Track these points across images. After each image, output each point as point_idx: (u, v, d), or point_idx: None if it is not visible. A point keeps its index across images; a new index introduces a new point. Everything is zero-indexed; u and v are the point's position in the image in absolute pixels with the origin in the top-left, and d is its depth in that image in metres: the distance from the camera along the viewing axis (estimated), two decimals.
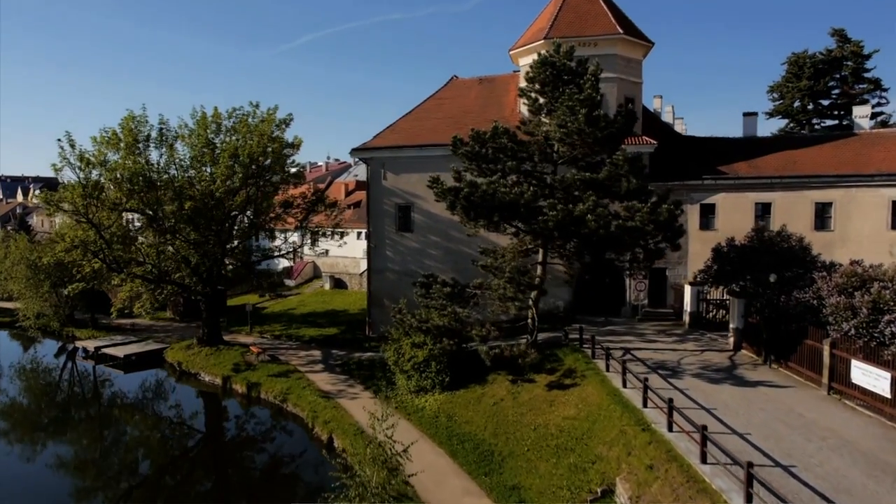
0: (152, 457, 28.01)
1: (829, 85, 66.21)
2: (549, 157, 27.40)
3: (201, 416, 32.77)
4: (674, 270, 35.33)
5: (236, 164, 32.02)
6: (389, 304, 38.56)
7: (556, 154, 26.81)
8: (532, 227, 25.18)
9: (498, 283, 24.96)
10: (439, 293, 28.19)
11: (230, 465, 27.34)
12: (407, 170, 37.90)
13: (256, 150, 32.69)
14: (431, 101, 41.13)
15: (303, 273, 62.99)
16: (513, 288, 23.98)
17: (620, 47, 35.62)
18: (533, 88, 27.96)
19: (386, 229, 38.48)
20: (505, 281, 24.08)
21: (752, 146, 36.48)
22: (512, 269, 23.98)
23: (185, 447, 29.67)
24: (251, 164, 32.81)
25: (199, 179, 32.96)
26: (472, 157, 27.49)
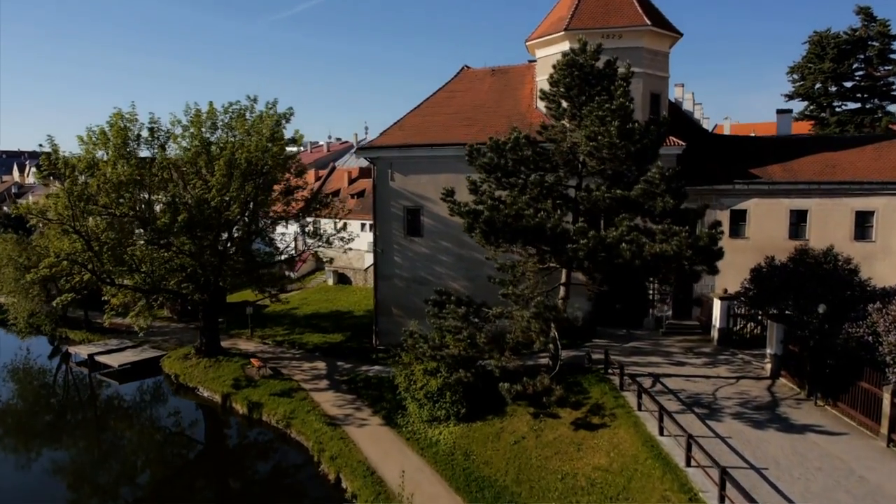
0: (147, 479, 26.33)
1: (854, 67, 63.15)
2: (575, 170, 25.07)
3: (199, 445, 30.85)
4: (700, 281, 33.13)
5: (233, 170, 29.56)
6: (398, 312, 36.68)
7: (582, 167, 24.45)
8: (559, 254, 22.98)
9: (521, 315, 22.84)
10: (453, 314, 26.06)
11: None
12: (416, 171, 35.51)
13: (255, 154, 30.22)
14: (441, 93, 38.51)
15: (305, 265, 60.87)
16: (539, 324, 21.87)
17: (647, 40, 32.93)
18: (557, 92, 25.48)
19: (394, 233, 36.23)
20: (530, 316, 21.96)
21: (786, 147, 34.00)
22: (538, 304, 21.83)
23: (182, 473, 27.93)
24: (249, 171, 30.38)
25: (193, 185, 30.49)
26: (491, 170, 25.15)
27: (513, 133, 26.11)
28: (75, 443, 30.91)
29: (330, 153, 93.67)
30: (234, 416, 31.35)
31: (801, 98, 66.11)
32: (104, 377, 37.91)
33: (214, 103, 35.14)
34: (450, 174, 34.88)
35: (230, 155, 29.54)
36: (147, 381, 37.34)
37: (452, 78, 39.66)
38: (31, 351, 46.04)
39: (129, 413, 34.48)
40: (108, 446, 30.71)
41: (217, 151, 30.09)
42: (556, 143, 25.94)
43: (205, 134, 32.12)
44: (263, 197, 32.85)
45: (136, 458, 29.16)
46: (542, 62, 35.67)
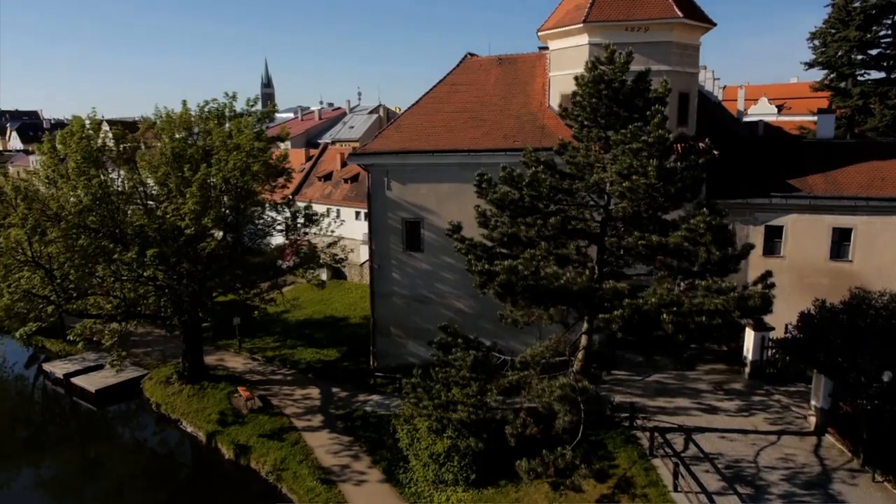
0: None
1: (880, 34, 58.62)
2: (603, 209, 21.68)
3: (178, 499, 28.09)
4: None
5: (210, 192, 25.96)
6: (397, 332, 33.76)
7: (612, 208, 21.07)
8: (587, 318, 19.91)
9: (542, 389, 19.84)
10: (462, 362, 23.06)
11: None
12: (415, 179, 31.96)
13: (233, 173, 26.54)
14: (443, 86, 34.55)
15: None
16: (565, 407, 18.88)
17: (677, 33, 29.00)
18: (581, 114, 21.85)
19: (391, 248, 32.92)
20: (555, 399, 18.92)
21: (827, 153, 30.46)
22: (564, 387, 18.74)
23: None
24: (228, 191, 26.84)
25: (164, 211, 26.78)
26: (505, 206, 21.73)
27: (530, 160, 22.67)
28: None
29: (322, 121, 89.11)
30: (219, 460, 28.63)
31: (822, 66, 61.82)
32: (81, 400, 35.17)
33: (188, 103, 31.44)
34: (453, 183, 31.54)
35: (205, 178, 25.84)
36: (128, 406, 34.62)
37: (455, 68, 35.61)
38: (6, 358, 43.18)
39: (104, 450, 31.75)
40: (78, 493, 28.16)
41: (190, 173, 26.43)
42: (578, 168, 22.50)
43: (176, 145, 28.29)
44: (246, 211, 29.31)
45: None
46: (557, 55, 31.75)
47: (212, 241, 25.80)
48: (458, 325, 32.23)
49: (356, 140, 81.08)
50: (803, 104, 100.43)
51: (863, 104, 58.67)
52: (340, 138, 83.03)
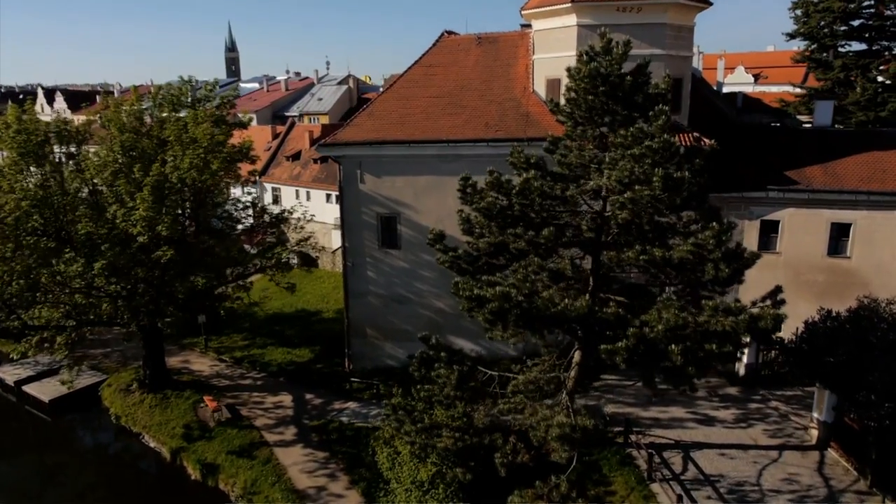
0: None
1: (864, 4, 57.09)
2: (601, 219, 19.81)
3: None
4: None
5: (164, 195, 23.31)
6: (373, 334, 31.87)
7: (609, 214, 19.18)
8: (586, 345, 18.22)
9: (536, 421, 18.17)
10: (446, 380, 21.31)
11: None
12: (391, 171, 29.68)
13: (189, 173, 23.88)
14: (418, 68, 32.05)
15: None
16: (563, 446, 17.24)
17: (671, 14, 26.90)
18: (575, 112, 19.78)
19: (366, 244, 30.74)
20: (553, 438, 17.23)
21: (825, 142, 28.94)
22: (562, 426, 17.04)
23: None
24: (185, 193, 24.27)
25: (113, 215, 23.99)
26: (493, 216, 19.73)
27: (518, 162, 20.63)
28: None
29: (289, 92, 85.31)
30: (185, 480, 26.63)
31: (803, 37, 60.27)
32: (34, 410, 32.76)
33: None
34: (431, 176, 29.47)
35: (157, 179, 23.17)
36: (85, 417, 32.30)
37: (431, 47, 33.07)
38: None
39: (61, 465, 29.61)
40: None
41: (140, 174, 23.73)
42: (571, 168, 20.56)
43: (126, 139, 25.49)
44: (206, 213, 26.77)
45: None
46: (541, 36, 29.47)
47: (167, 250, 23.26)
48: (439, 327, 31.14)
49: (325, 113, 77.86)
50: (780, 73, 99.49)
51: (844, 77, 57.45)
52: (309, 111, 79.66)
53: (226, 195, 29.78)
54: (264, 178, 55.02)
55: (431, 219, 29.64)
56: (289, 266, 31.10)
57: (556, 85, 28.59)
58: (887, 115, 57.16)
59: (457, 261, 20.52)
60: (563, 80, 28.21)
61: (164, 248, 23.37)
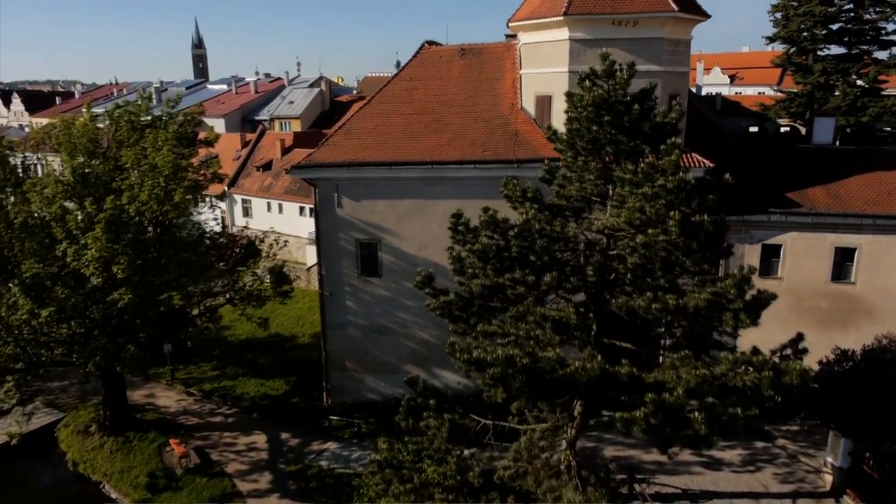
0: None
1: (845, 8, 56.52)
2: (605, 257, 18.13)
3: None
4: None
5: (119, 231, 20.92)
6: (353, 367, 29.89)
7: (618, 262, 17.50)
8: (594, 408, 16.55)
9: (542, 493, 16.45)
10: (436, 431, 19.47)
11: None
12: (371, 194, 27.67)
13: (149, 206, 21.54)
14: (398, 82, 30.04)
15: None
16: None
17: (670, 27, 25.32)
18: (579, 142, 18.02)
19: (344, 272, 28.70)
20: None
21: (827, 162, 27.71)
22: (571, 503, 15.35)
23: None
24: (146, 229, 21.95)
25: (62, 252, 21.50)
26: (488, 257, 17.88)
27: (514, 195, 18.87)
28: None
29: (259, 94, 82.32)
30: None
31: (782, 41, 59.62)
32: None
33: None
34: (414, 200, 27.56)
35: (112, 214, 20.79)
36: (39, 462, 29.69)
37: (411, 59, 31.09)
38: None
39: None
40: None
41: (93, 208, 21.34)
42: (569, 200, 18.91)
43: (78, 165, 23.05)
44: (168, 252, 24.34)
45: None
46: (530, 49, 27.68)
47: (125, 293, 20.92)
48: (424, 359, 29.31)
49: (297, 117, 75.29)
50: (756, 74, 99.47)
51: (824, 81, 56.90)
52: (280, 115, 76.91)
53: (190, 212, 27.24)
54: (233, 189, 52.48)
55: (415, 245, 27.84)
56: (261, 298, 28.80)
57: (547, 102, 26.89)
58: (868, 121, 56.80)
59: (448, 306, 18.67)
60: (554, 97, 26.81)
61: (122, 290, 21.03)
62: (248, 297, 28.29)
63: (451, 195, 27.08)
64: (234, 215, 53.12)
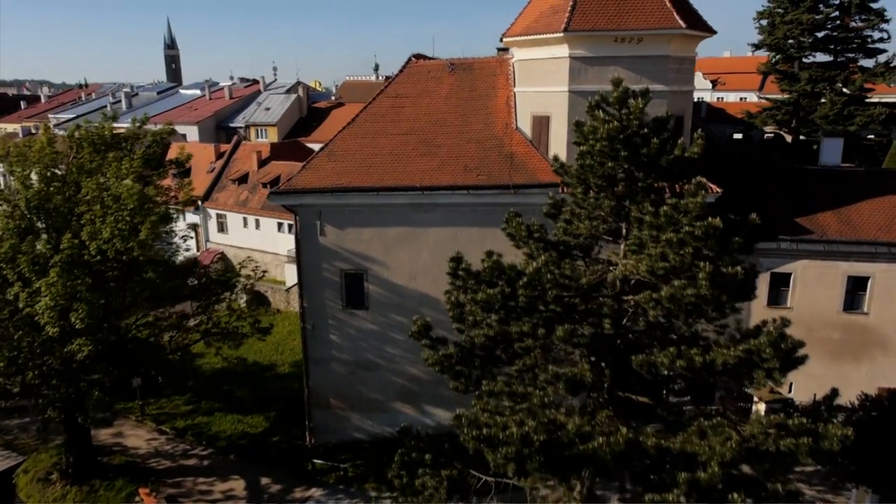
0: None
1: (832, 16, 55.86)
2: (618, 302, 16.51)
3: None
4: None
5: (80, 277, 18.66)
6: (338, 404, 27.96)
7: (638, 313, 15.86)
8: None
9: None
10: (433, 493, 17.69)
11: None
12: (356, 222, 25.76)
13: (111, 245, 19.37)
14: (384, 99, 28.13)
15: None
16: None
17: (675, 45, 23.81)
18: (591, 178, 16.33)
19: (328, 304, 26.74)
20: None
21: (835, 184, 26.42)
22: None
23: None
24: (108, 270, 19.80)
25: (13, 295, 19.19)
26: (494, 308, 16.12)
27: (519, 233, 17.13)
28: None
29: (234, 100, 79.69)
30: None
31: (768, 48, 58.88)
32: None
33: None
34: (403, 227, 25.73)
35: (69, 254, 18.61)
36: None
37: (397, 74, 29.23)
38: None
39: None
40: None
41: (48, 249, 19.15)
42: (575, 236, 17.29)
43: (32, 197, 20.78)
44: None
45: None
46: (525, 66, 26.01)
47: (85, 343, 18.76)
48: (414, 396, 27.49)
49: (273, 124, 72.96)
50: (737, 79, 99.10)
51: (811, 89, 56.25)
52: (256, 122, 74.49)
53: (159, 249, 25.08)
54: (208, 203, 50.05)
55: (404, 275, 26.02)
56: (238, 336, 26.68)
57: (545, 123, 25.23)
58: (856, 130, 56.21)
59: (448, 360, 16.88)
60: (553, 118, 25.13)
61: (81, 340, 18.85)
62: (223, 334, 26.14)
63: (442, 222, 25.40)
64: (209, 231, 50.72)
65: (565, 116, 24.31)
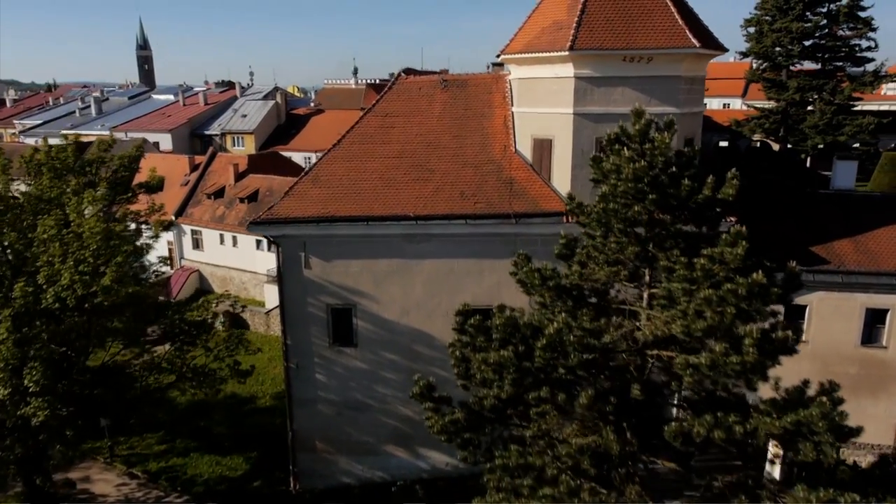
0: None
1: (820, 24, 55.16)
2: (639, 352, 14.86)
3: None
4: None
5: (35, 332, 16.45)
6: (324, 447, 25.96)
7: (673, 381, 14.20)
8: None
9: None
10: None
11: None
12: (344, 254, 23.80)
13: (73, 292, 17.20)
14: (372, 118, 26.20)
15: (185, 287, 47.54)
16: None
17: (687, 65, 22.26)
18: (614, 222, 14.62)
19: (313, 342, 24.74)
20: None
21: (850, 210, 25.11)
22: None
23: None
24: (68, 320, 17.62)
25: None
26: (505, 371, 14.32)
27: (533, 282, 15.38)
28: None
29: (209, 106, 77.03)
30: None
31: (755, 56, 58.09)
32: None
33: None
34: (395, 259, 23.83)
35: (22, 304, 16.41)
36: None
37: (386, 91, 27.29)
38: None
39: None
40: None
41: None
42: (594, 281, 15.65)
43: None
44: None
45: None
46: (525, 85, 24.29)
47: (41, 407, 16.57)
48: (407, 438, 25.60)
49: (251, 132, 70.52)
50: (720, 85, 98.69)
51: (799, 98, 55.56)
52: (232, 129, 71.98)
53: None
54: (182, 219, 47.59)
55: (395, 311, 24.15)
56: (215, 380, 24.55)
57: (547, 147, 23.54)
58: (845, 139, 55.52)
59: (454, 426, 15.06)
60: (556, 141, 23.42)
61: (36, 402, 16.66)
62: (198, 376, 23.99)
63: (437, 254, 23.61)
64: (183, 247, 48.27)
65: (569, 140, 22.69)
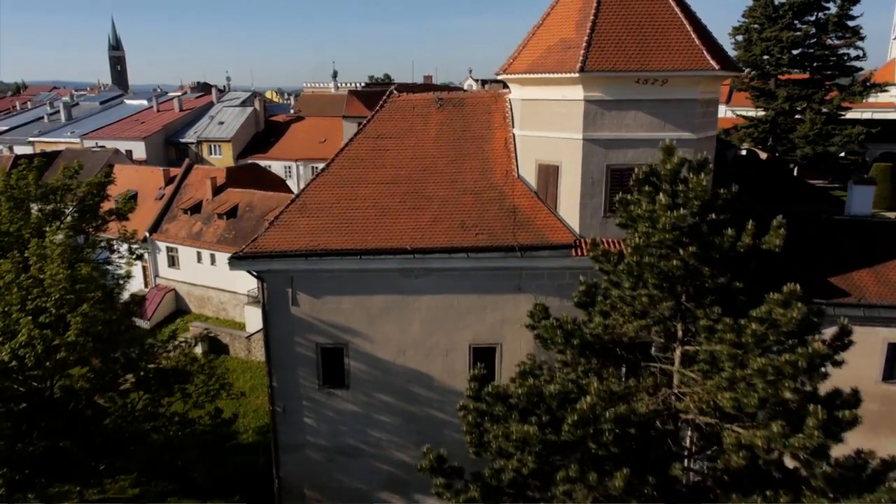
0: None
1: (810, 33, 54.55)
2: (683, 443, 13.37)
3: None
4: None
5: None
6: (314, 496, 24.09)
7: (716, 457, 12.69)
8: None
9: None
10: None
11: None
12: (334, 290, 21.97)
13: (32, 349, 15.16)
14: (363, 140, 24.38)
15: (160, 307, 45.26)
16: None
17: (704, 87, 20.81)
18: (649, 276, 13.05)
19: (302, 384, 22.86)
20: None
21: (868, 238, 23.90)
22: None
23: None
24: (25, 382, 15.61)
25: None
26: (527, 449, 12.67)
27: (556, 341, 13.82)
28: None
29: (184, 113, 74.31)
30: None
31: (745, 64, 57.28)
32: None
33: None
34: (390, 295, 22.05)
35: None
36: None
37: (378, 110, 25.47)
38: None
39: None
40: None
41: None
42: (617, 336, 14.13)
43: None
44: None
45: None
46: (529, 107, 22.65)
47: None
48: (404, 484, 23.85)
49: (228, 140, 68.11)
50: None
51: (788, 107, 54.96)
52: (208, 137, 69.48)
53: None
54: (156, 235, 45.31)
55: (391, 350, 22.40)
56: (194, 433, 22.62)
57: (553, 173, 21.97)
58: (836, 150, 54.94)
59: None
60: (563, 168, 21.84)
61: None
62: (173, 426, 22.04)
63: (436, 289, 21.90)
64: (158, 265, 45.96)
65: (578, 166, 21.14)
